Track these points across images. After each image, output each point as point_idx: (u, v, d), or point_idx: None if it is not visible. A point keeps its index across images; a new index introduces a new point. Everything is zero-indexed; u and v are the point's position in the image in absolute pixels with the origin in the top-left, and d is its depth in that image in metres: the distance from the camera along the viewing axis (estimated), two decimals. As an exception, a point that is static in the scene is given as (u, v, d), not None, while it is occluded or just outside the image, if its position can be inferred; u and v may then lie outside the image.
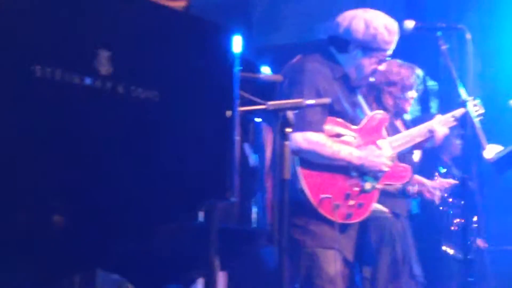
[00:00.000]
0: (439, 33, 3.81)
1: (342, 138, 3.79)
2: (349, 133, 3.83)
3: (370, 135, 3.92)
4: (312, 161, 3.65)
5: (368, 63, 3.90)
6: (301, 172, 3.61)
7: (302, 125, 3.59)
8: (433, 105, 5.88)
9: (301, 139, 3.61)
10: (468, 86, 4.16)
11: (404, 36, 4.01)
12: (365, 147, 3.82)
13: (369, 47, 3.87)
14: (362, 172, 3.78)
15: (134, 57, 1.96)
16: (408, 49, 6.74)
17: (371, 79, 4.01)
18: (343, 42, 3.90)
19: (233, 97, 2.23)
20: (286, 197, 2.84)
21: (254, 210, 2.99)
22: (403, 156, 4.19)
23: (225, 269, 3.31)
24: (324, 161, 3.66)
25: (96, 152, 1.94)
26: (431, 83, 5.45)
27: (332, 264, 3.66)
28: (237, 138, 2.32)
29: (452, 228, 5.52)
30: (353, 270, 3.90)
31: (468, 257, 4.48)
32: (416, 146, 4.17)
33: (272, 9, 8.16)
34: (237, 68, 2.27)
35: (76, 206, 2.03)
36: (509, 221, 6.15)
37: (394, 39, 3.93)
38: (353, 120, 3.89)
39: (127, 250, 2.62)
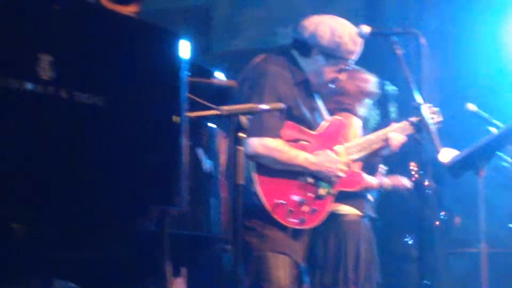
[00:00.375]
0: (394, 38, 3.82)
1: (300, 143, 3.79)
2: (307, 139, 3.83)
3: (328, 141, 3.92)
4: (269, 166, 3.64)
5: (329, 70, 3.91)
6: (256, 177, 3.61)
7: (259, 130, 3.58)
8: (393, 109, 5.91)
9: (258, 144, 3.61)
10: (424, 90, 4.19)
11: (366, 40, 4.02)
12: (321, 153, 3.82)
13: (332, 54, 3.88)
14: (317, 178, 3.78)
15: (78, 62, 1.94)
16: (369, 53, 6.81)
17: (331, 86, 4.02)
18: (307, 46, 3.90)
19: (180, 102, 2.22)
20: (240, 202, 2.83)
21: (209, 215, 2.98)
22: (367, 160, 4.20)
23: (179, 275, 3.30)
24: (280, 166, 3.66)
25: (41, 158, 1.91)
26: (391, 88, 5.47)
27: (281, 269, 3.65)
28: (187, 143, 2.30)
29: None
30: (303, 272, 3.89)
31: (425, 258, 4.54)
32: (373, 153, 4.17)
33: (232, 15, 8.16)
34: (184, 73, 2.25)
35: (27, 213, 2.01)
36: (466, 224, 6.21)
37: (358, 49, 3.94)
38: (312, 125, 3.89)
39: (82, 258, 2.60)
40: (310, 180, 3.76)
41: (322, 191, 3.79)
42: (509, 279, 5.79)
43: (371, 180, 4.43)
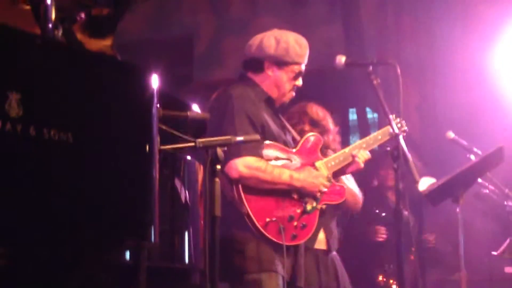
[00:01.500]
0: (371, 68, 3.85)
1: (281, 161, 3.81)
2: (287, 157, 3.85)
3: (307, 157, 3.95)
4: (255, 187, 3.65)
5: (286, 78, 3.92)
6: (244, 197, 3.61)
7: (241, 151, 3.58)
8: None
9: (240, 165, 3.60)
10: (403, 119, 4.23)
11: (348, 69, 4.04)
12: (303, 169, 3.85)
13: (283, 61, 3.90)
14: (302, 194, 3.80)
15: (46, 99, 1.95)
16: (351, 80, 6.86)
17: (292, 95, 4.04)
18: (257, 61, 3.92)
19: (151, 135, 2.23)
20: (218, 234, 2.84)
21: (188, 246, 2.98)
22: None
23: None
24: (266, 186, 3.66)
25: (9, 195, 1.92)
26: (372, 115, 5.49)
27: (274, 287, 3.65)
28: (158, 175, 2.31)
29: None
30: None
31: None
32: (343, 169, 4.17)
33: (215, 44, 8.21)
34: (155, 107, 2.27)
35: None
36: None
37: (306, 52, 3.96)
38: (285, 143, 3.92)
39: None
40: (295, 196, 3.79)
41: (308, 206, 3.82)
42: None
43: None
